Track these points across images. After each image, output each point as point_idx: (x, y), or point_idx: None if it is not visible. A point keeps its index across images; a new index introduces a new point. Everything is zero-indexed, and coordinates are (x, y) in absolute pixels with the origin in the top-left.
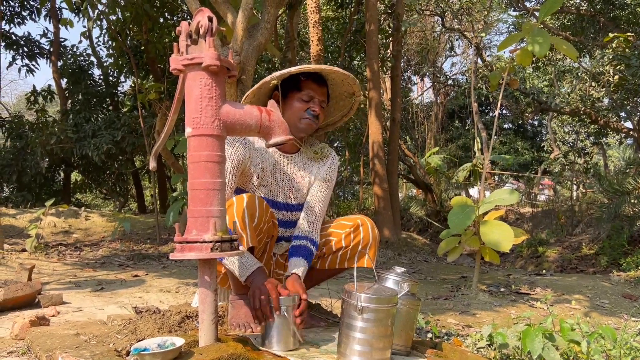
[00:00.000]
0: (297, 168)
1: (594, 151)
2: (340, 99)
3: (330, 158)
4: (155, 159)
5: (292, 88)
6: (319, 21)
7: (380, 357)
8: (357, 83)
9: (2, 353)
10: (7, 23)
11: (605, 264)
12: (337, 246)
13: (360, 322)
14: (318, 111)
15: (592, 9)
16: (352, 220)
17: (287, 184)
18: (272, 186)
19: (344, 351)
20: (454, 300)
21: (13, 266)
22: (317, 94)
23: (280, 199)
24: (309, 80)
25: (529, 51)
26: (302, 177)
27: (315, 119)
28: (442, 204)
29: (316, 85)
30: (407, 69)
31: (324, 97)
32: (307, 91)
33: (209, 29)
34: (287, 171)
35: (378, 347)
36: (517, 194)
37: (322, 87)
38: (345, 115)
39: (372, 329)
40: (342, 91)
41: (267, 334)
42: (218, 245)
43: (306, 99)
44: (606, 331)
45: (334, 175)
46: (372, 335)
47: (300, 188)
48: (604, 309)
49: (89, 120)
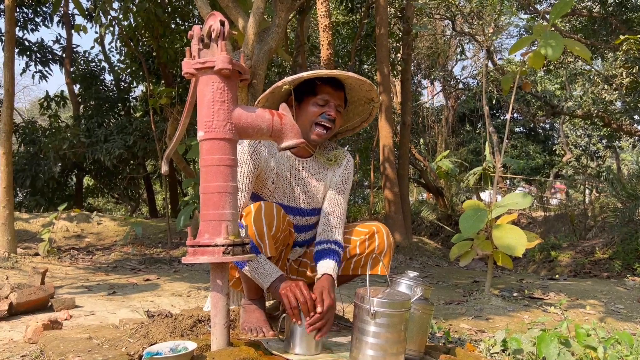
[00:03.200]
0: (312, 172)
1: (607, 155)
2: (358, 104)
3: (346, 160)
4: (167, 162)
5: (307, 93)
6: (329, 25)
7: None
8: (374, 89)
9: (16, 356)
10: (20, 29)
11: (619, 268)
12: (352, 253)
13: (373, 327)
14: (334, 115)
15: (604, 11)
16: (368, 227)
17: (302, 189)
18: (287, 191)
19: (356, 356)
20: (466, 305)
21: (26, 270)
22: (333, 98)
23: (294, 204)
24: (325, 84)
25: (541, 54)
26: (317, 182)
27: (331, 122)
28: (453, 208)
29: (332, 89)
30: (417, 72)
31: (340, 102)
32: (323, 95)
33: (221, 32)
34: (302, 176)
35: (391, 353)
36: (530, 198)
37: (339, 91)
38: (365, 121)
39: (385, 334)
40: (360, 96)
41: (292, 338)
42: (230, 249)
43: (322, 103)
44: (623, 337)
45: (350, 176)
46: (385, 340)
47: (315, 193)
48: (619, 314)
49: (101, 125)
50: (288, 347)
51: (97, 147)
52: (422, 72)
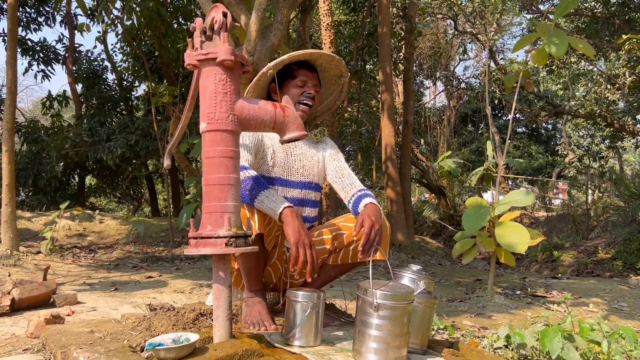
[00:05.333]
0: (305, 148)
1: (610, 155)
2: (330, 83)
3: (327, 138)
4: (169, 157)
5: (287, 77)
6: (331, 24)
7: (397, 355)
8: (343, 64)
9: (18, 350)
10: (23, 29)
11: (621, 268)
12: (348, 240)
13: (376, 319)
14: (313, 93)
15: (607, 11)
16: None
17: (300, 163)
18: (285, 166)
19: (359, 349)
20: (469, 302)
21: (28, 267)
22: (310, 79)
23: (294, 177)
24: (301, 68)
25: (545, 51)
26: (313, 156)
27: (311, 100)
28: (455, 208)
29: (308, 71)
30: (419, 73)
31: (316, 81)
32: (301, 77)
33: (224, 24)
34: (296, 152)
35: (394, 346)
36: (532, 195)
37: (314, 72)
38: (337, 99)
39: (388, 326)
40: (331, 75)
41: (291, 328)
42: (233, 240)
43: (300, 84)
44: (627, 332)
45: (337, 147)
46: (388, 333)
47: (312, 166)
48: (623, 312)
49: (104, 125)
50: (288, 339)
51: (100, 147)
52: (424, 72)
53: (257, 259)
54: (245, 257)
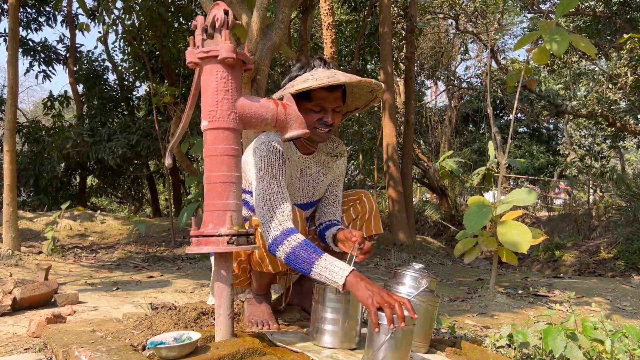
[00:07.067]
0: (319, 167)
1: (611, 155)
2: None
3: (346, 151)
4: (171, 155)
5: (302, 97)
6: (332, 23)
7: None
8: (372, 82)
9: (19, 349)
10: (24, 29)
11: (623, 267)
12: (348, 221)
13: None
14: (330, 121)
15: (608, 10)
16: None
17: (313, 184)
18: (300, 189)
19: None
20: (471, 302)
21: (30, 267)
22: (328, 102)
23: (305, 199)
24: (319, 88)
25: (547, 49)
26: (324, 175)
27: (328, 127)
28: (456, 208)
29: (327, 92)
30: (420, 73)
31: (337, 102)
32: (317, 101)
33: (225, 22)
34: (310, 172)
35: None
36: (535, 194)
37: (335, 91)
38: (372, 100)
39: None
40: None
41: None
42: (234, 238)
43: (317, 109)
44: (630, 330)
45: (345, 166)
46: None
47: (322, 186)
48: (625, 311)
49: (105, 125)
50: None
51: (101, 147)
52: (425, 72)
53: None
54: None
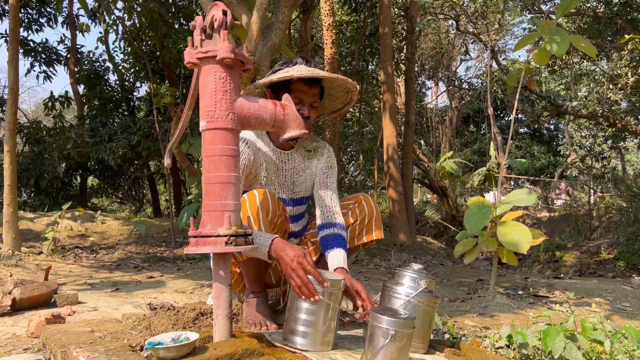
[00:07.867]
0: (297, 163)
1: (612, 155)
2: (338, 91)
3: (326, 150)
4: (170, 155)
5: (282, 90)
6: (332, 24)
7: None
8: (349, 81)
9: (18, 350)
10: (25, 30)
11: (624, 268)
12: (346, 224)
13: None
14: (307, 113)
15: (609, 11)
16: (354, 198)
17: (291, 179)
18: (277, 183)
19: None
20: (471, 302)
21: (30, 267)
22: (307, 96)
23: (285, 195)
24: (299, 82)
25: (547, 50)
26: (304, 170)
27: (304, 119)
28: (457, 209)
29: (306, 86)
30: (421, 73)
31: (314, 97)
32: (297, 94)
33: (224, 22)
34: (288, 167)
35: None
36: (535, 194)
37: (314, 87)
38: (347, 104)
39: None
40: (338, 84)
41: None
42: (233, 239)
43: (295, 101)
44: (629, 331)
45: (334, 162)
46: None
47: (303, 181)
48: (625, 312)
49: (105, 125)
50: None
51: (101, 147)
52: (426, 73)
53: (258, 263)
54: (246, 263)
